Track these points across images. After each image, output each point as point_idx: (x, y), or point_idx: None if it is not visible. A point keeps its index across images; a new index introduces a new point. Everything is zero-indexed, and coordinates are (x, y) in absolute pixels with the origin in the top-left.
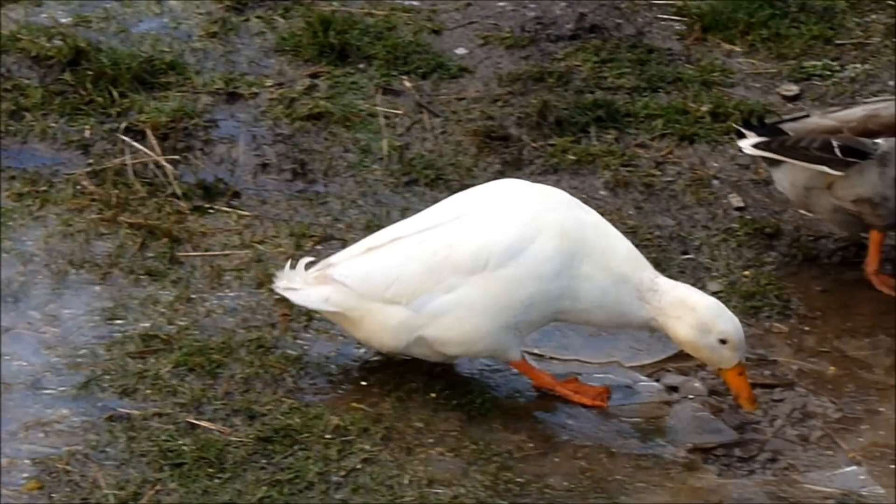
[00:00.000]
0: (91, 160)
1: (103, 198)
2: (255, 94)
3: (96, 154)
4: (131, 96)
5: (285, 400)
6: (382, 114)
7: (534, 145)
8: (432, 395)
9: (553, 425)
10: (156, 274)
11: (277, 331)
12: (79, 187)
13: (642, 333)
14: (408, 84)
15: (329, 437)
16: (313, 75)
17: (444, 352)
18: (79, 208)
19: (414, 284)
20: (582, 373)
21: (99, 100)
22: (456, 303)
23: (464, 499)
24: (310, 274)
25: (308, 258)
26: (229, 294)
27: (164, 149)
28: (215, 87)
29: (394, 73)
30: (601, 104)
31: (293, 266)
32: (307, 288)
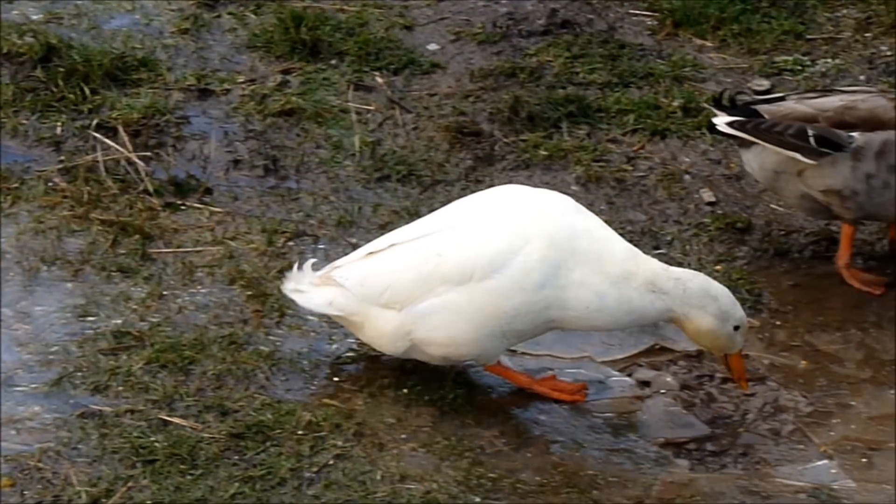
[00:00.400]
0: (63, 157)
1: (75, 195)
2: (226, 91)
3: (68, 151)
4: (103, 93)
5: (257, 396)
6: (354, 110)
7: (505, 141)
8: (404, 390)
9: (525, 421)
10: (128, 270)
11: (249, 327)
12: (50, 184)
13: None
14: (380, 80)
15: (301, 433)
16: (285, 71)
17: (430, 353)
18: (50, 205)
19: (406, 292)
20: (554, 368)
21: (70, 97)
22: (443, 306)
23: (436, 494)
24: (315, 275)
25: (313, 259)
26: (201, 290)
27: (135, 145)
28: (187, 84)
29: (366, 69)
30: (573, 99)
31: (300, 267)
32: (312, 290)
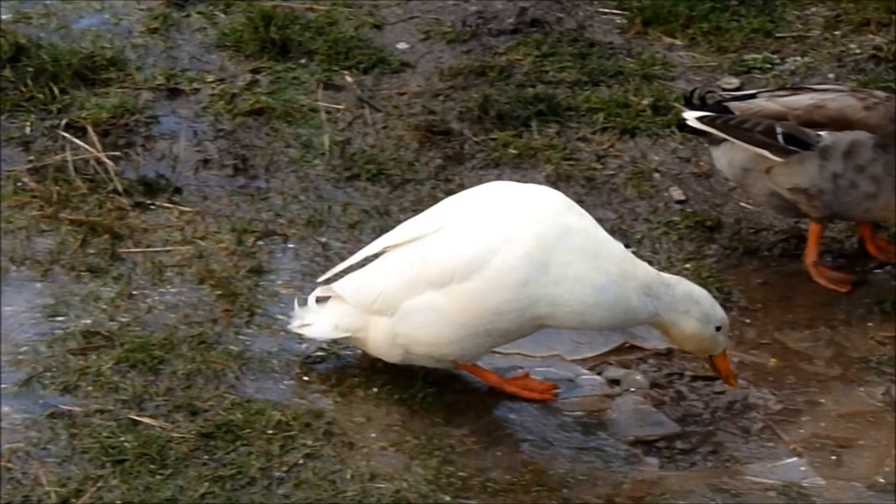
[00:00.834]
0: (32, 157)
1: (44, 194)
2: (196, 90)
3: (37, 151)
4: (72, 93)
5: (227, 396)
6: (324, 109)
7: (475, 139)
8: (374, 389)
9: (495, 419)
10: (97, 270)
11: (219, 326)
12: (19, 184)
13: None
14: (349, 79)
15: (271, 432)
16: (254, 70)
17: (416, 352)
18: (19, 205)
19: (395, 297)
20: (524, 366)
21: (39, 96)
22: (426, 305)
23: (406, 493)
24: (316, 292)
25: (316, 292)
26: (171, 290)
27: (104, 145)
28: (156, 83)
29: (335, 68)
30: (542, 98)
31: (302, 303)
32: (317, 320)
